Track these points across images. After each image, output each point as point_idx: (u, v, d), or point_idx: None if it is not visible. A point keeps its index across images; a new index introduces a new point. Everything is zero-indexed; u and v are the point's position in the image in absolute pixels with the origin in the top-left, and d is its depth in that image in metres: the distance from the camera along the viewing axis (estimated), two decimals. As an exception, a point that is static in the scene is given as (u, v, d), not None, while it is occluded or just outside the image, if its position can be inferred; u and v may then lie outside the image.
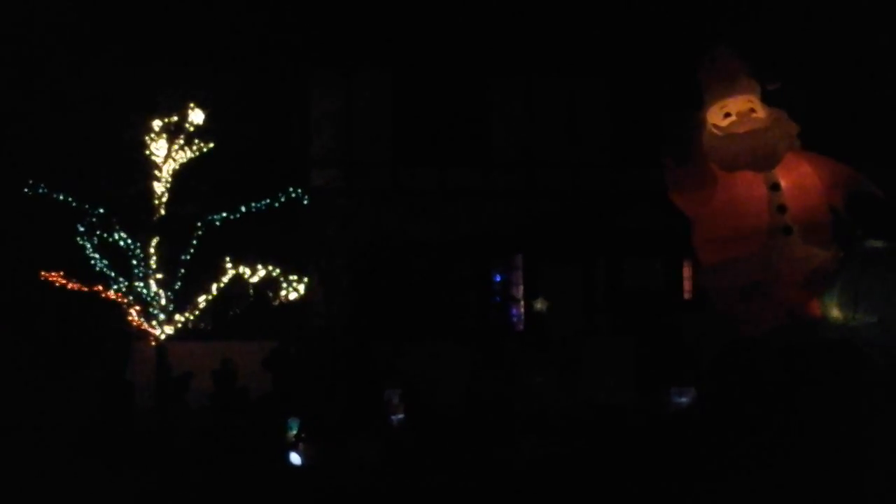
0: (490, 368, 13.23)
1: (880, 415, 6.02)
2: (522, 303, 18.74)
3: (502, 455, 10.09)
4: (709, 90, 9.90)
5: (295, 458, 10.74)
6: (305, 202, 17.91)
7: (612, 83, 19.31)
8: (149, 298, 16.89)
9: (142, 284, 16.92)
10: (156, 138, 17.08)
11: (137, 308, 16.89)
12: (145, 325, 16.92)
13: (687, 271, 18.39)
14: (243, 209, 17.37)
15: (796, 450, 5.95)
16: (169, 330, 16.91)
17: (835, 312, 8.36)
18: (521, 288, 18.87)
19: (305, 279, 17.13)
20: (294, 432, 11.12)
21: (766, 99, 9.85)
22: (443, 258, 18.55)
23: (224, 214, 17.30)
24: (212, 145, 17.37)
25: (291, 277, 16.86)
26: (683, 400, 9.94)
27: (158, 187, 17.12)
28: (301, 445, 10.94)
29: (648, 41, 18.23)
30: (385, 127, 18.94)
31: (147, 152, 17.04)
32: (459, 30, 18.35)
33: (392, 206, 18.52)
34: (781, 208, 9.25)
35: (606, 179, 18.91)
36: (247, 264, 16.91)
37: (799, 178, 9.50)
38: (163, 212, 17.16)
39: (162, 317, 16.91)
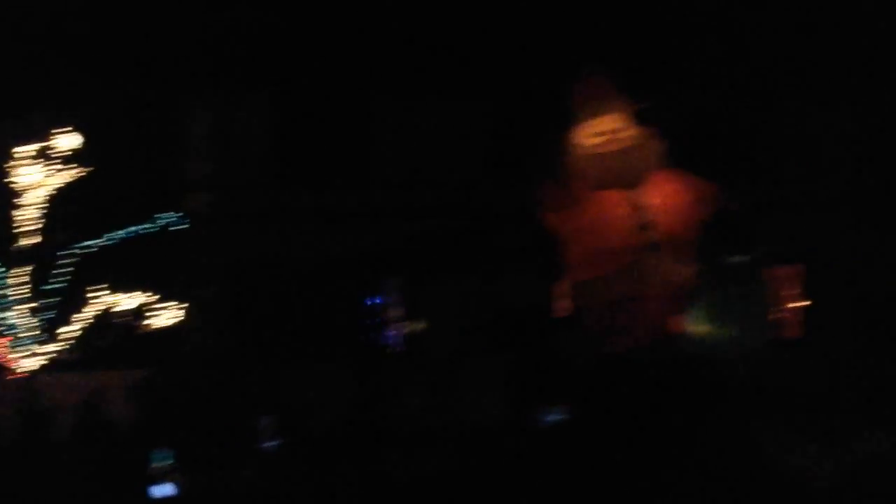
0: (367, 391, 13.20)
1: (744, 425, 6.13)
2: (400, 324, 18.74)
3: (378, 477, 10.01)
4: (578, 110, 9.97)
5: (162, 491, 10.55)
6: (181, 226, 17.70)
7: (491, 103, 19.46)
8: (15, 329, 16.47)
9: (8, 315, 16.50)
10: (26, 163, 16.67)
11: (3, 340, 16.46)
12: (11, 357, 16.49)
13: (562, 288, 18.53)
14: (118, 235, 17.10)
15: (669, 463, 6.01)
16: (36, 362, 16.49)
17: (698, 327, 8.48)
18: (399, 309, 18.85)
19: (179, 305, 16.91)
20: (162, 464, 10.92)
21: (636, 118, 9.96)
22: (321, 281, 18.44)
23: (98, 240, 17.03)
24: (85, 170, 17.01)
25: (164, 304, 16.65)
26: (558, 417, 9.97)
27: (27, 214, 16.71)
28: (174, 477, 10.76)
29: (526, 61, 18.42)
30: (261, 148, 18.79)
31: (16, 178, 16.62)
32: (335, 50, 18.31)
33: (269, 228, 18.33)
34: (648, 226, 9.35)
35: (484, 198, 19.02)
36: (120, 291, 16.64)
37: (666, 195, 9.58)
38: (32, 239, 16.74)
39: (29, 348, 16.49)
